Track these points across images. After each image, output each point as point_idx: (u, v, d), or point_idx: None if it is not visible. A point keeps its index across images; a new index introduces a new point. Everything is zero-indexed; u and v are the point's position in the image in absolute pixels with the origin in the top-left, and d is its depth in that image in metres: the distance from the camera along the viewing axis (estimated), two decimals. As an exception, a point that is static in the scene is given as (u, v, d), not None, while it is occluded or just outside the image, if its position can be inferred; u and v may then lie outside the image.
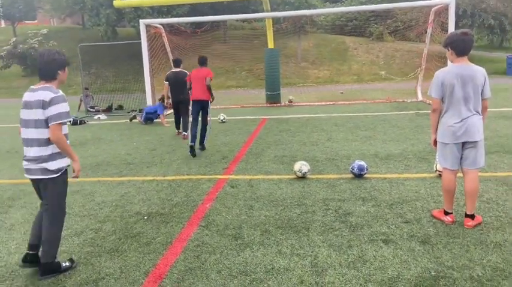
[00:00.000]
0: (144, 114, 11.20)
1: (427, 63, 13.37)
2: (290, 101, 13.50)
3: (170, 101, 9.40)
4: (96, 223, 4.32)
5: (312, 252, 3.45)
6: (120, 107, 14.65)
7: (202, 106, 7.46)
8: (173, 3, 18.28)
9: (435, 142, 4.00)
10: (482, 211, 4.11)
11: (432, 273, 3.03)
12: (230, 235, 3.88)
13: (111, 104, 14.63)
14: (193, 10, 28.10)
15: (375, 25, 29.11)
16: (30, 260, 3.29)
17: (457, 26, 22.03)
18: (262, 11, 13.33)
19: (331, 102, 13.82)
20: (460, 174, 3.89)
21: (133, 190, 5.40)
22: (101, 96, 16.14)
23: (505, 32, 24.33)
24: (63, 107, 3.15)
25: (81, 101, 14.76)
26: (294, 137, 8.43)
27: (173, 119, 9.72)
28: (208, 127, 7.67)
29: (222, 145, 7.94)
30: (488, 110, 3.89)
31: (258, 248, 3.56)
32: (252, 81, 24.07)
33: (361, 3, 30.47)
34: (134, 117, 11.55)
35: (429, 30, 12.48)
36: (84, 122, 11.86)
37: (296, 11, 14.54)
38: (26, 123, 3.18)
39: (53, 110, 3.09)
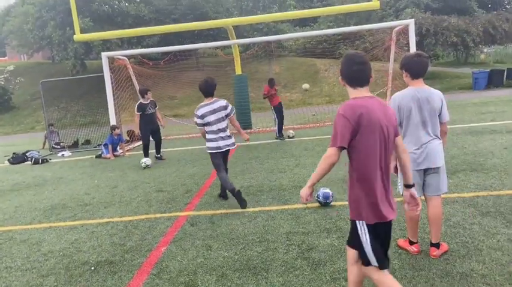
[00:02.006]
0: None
1: (393, 81, 13.50)
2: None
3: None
4: (38, 278, 3.93)
5: (269, 298, 3.16)
6: (88, 142, 14.19)
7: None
8: (132, 35, 18.15)
9: (396, 169, 3.82)
10: (448, 236, 3.93)
11: (396, 315, 2.77)
12: (182, 283, 3.56)
13: (77, 139, 14.16)
14: (164, 40, 28.09)
15: (344, 47, 29.63)
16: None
17: (421, 45, 22.64)
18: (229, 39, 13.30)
19: (302, 126, 13.74)
20: (422, 197, 3.72)
21: (85, 235, 5.02)
22: (67, 132, 15.64)
23: (468, 49, 25.09)
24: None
25: (45, 138, 14.24)
26: (262, 164, 8.21)
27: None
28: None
29: (188, 177, 7.64)
30: (447, 134, 3.72)
31: (211, 297, 3.25)
32: (225, 108, 23.91)
33: (329, 27, 31.15)
34: (100, 155, 11.14)
35: (392, 49, 12.64)
36: (47, 161, 11.36)
37: (261, 37, 14.59)
38: (219, 120, 5.66)
39: (230, 108, 5.81)
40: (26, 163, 11.51)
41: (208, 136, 5.65)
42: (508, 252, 3.48)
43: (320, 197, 5.22)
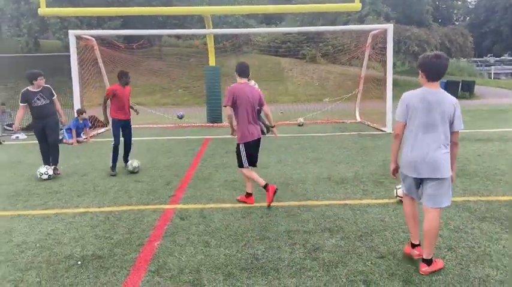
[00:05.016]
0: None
1: (364, 85, 13.72)
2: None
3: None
4: (16, 272, 3.47)
5: (287, 300, 2.96)
6: (44, 125, 13.18)
7: None
8: (106, 14, 17.16)
9: (394, 172, 3.64)
10: (453, 240, 3.92)
11: (427, 321, 2.68)
12: (187, 281, 3.27)
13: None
14: (126, 24, 26.88)
15: (308, 48, 29.93)
16: None
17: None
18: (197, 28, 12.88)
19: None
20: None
21: (62, 225, 4.56)
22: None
23: (427, 58, 26.12)
24: None
25: (-4, 118, 13.07)
26: (241, 159, 7.95)
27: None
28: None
29: (165, 169, 7.24)
30: (458, 145, 3.38)
31: (223, 298, 3.00)
32: (188, 100, 23.36)
33: (295, 26, 31.34)
34: (61, 140, 10.34)
35: (366, 53, 12.83)
36: (0, 143, 10.41)
37: (235, 29, 14.30)
38: None
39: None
40: (-26, 143, 10.49)
41: None
42: (518, 258, 3.52)
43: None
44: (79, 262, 3.63)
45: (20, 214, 4.95)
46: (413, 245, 3.57)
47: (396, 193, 5.10)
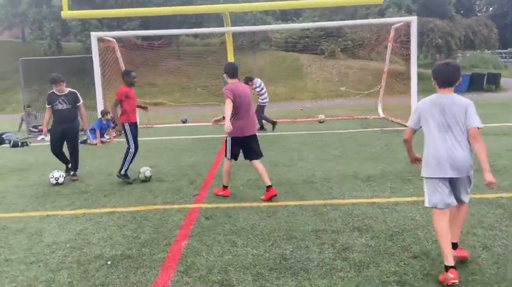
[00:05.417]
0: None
1: (387, 79, 13.48)
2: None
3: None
4: (48, 273, 3.52)
5: (318, 301, 2.91)
6: (68, 126, 13.43)
7: None
8: (127, 16, 17.37)
9: (413, 160, 3.64)
10: (488, 239, 3.79)
11: (466, 324, 2.59)
12: (216, 281, 3.25)
13: (57, 123, 13.39)
14: (144, 24, 27.12)
15: (326, 43, 29.55)
16: None
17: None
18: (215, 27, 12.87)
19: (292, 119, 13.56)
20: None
21: (90, 225, 4.60)
22: (42, 115, 14.75)
23: (451, 51, 25.51)
24: None
25: (22, 120, 13.41)
26: (264, 157, 7.90)
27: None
28: None
29: (188, 168, 7.27)
30: (479, 141, 3.19)
31: (253, 299, 2.96)
32: (208, 98, 23.43)
33: (313, 21, 31.01)
34: (85, 141, 10.51)
35: (389, 48, 12.59)
36: (27, 144, 10.66)
37: (253, 27, 14.24)
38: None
39: None
40: (2, 145, 10.75)
41: None
42: (559, 258, 3.37)
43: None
44: (109, 262, 3.65)
45: (49, 214, 5.03)
46: (447, 268, 3.08)
47: (425, 190, 4.96)
